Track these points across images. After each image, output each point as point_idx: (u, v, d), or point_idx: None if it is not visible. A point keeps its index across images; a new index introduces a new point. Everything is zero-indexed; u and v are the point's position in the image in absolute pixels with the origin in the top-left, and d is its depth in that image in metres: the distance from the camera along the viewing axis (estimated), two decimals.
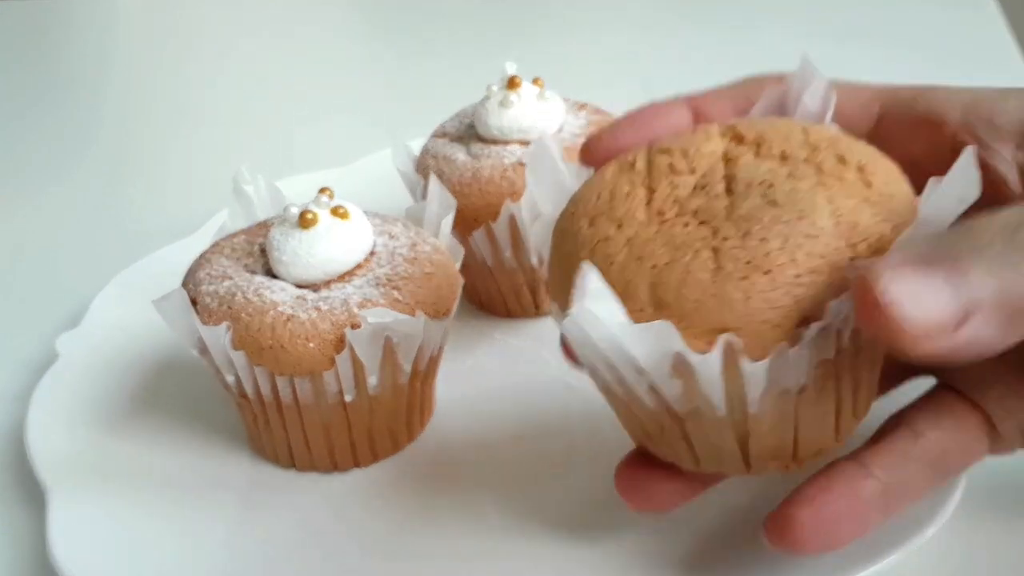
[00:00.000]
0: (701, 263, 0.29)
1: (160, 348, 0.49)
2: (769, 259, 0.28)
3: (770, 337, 0.28)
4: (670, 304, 0.29)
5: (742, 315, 0.28)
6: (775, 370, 0.28)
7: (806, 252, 0.28)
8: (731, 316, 0.28)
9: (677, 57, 0.83)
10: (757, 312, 0.28)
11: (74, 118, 0.80)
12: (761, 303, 0.28)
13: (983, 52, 0.77)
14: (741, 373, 0.28)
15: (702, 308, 0.28)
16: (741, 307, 0.28)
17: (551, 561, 0.38)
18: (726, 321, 0.28)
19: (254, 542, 0.40)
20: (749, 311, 0.28)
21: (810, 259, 0.28)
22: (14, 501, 0.43)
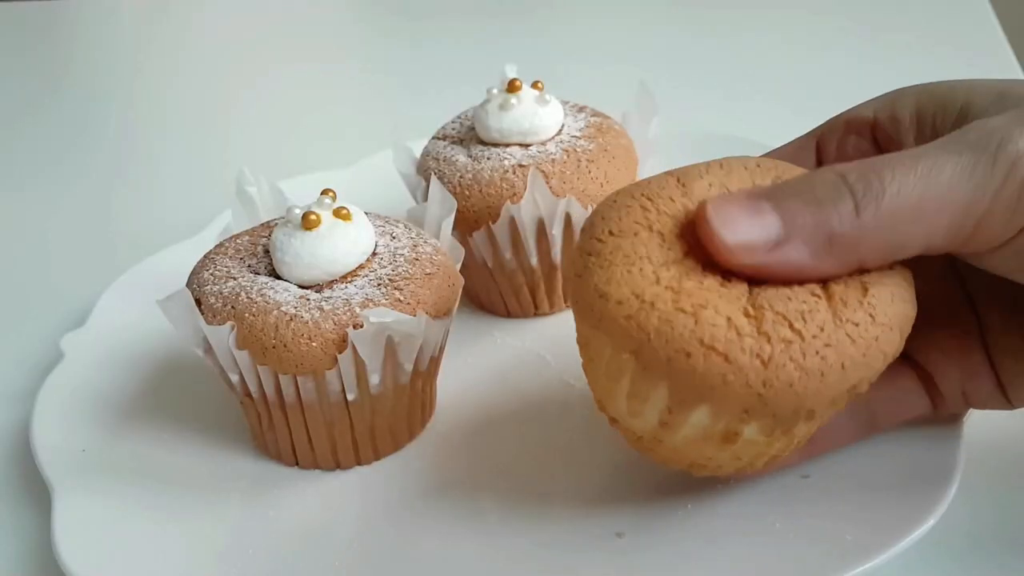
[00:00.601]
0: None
1: (164, 348, 0.49)
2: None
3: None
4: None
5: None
6: None
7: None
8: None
9: (677, 59, 0.83)
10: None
11: (79, 119, 0.81)
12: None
13: (976, 51, 0.78)
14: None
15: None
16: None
17: (551, 560, 0.38)
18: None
19: (258, 539, 0.40)
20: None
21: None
22: (20, 499, 0.44)
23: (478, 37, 0.91)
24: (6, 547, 0.41)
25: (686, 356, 0.30)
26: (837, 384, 0.30)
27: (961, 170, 0.30)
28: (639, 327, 0.31)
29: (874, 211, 0.30)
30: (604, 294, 0.32)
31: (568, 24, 0.93)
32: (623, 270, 0.32)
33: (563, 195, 0.47)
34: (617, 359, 0.32)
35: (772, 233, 0.30)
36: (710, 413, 0.31)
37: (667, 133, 0.53)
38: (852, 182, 0.30)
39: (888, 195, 0.30)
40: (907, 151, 0.31)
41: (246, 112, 0.82)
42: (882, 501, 0.37)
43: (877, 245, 0.30)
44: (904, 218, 0.30)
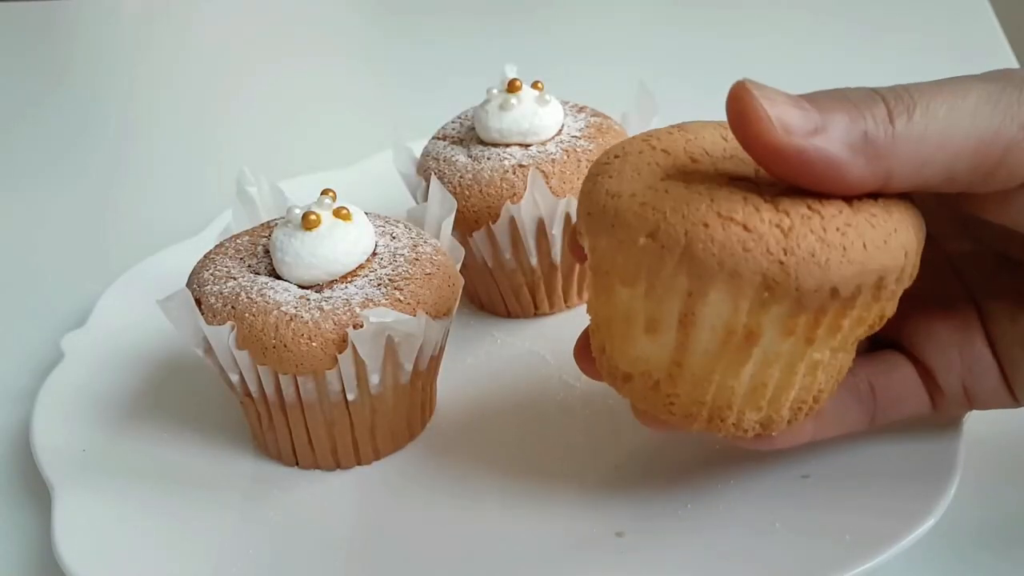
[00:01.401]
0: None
1: (165, 348, 0.49)
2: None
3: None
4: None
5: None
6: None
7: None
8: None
9: (676, 59, 0.83)
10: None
11: (79, 119, 0.81)
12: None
13: (976, 51, 0.78)
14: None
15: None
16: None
17: (551, 559, 0.38)
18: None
19: (258, 539, 0.40)
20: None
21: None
22: (20, 499, 0.44)
23: (478, 37, 0.91)
24: (6, 547, 0.41)
25: (704, 226, 0.30)
26: (860, 262, 0.30)
27: (988, 95, 0.30)
28: (654, 208, 0.31)
29: (906, 120, 0.30)
30: (616, 193, 0.32)
31: (568, 24, 0.93)
32: (632, 174, 0.32)
33: (563, 195, 0.47)
34: (632, 253, 0.31)
35: (811, 121, 0.29)
36: (729, 298, 0.30)
37: None
38: (884, 93, 0.30)
39: (919, 108, 0.30)
40: (934, 81, 0.31)
41: (246, 112, 0.82)
42: (882, 501, 0.37)
43: (907, 155, 0.30)
44: (933, 132, 0.30)
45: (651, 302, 0.32)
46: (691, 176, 0.32)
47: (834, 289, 0.30)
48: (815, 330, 0.31)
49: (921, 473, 0.38)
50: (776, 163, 0.30)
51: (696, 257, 0.30)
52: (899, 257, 0.31)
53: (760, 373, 0.33)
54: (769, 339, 0.31)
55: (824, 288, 0.30)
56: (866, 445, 0.39)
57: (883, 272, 0.30)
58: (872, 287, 0.31)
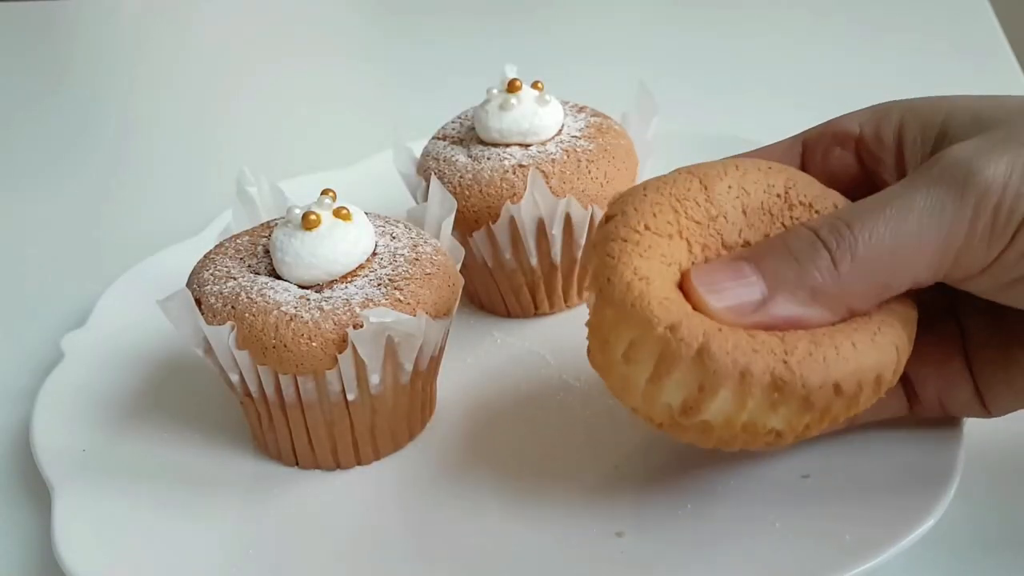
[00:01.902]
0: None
1: (165, 348, 0.49)
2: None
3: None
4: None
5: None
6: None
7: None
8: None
9: (677, 59, 0.83)
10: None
11: (79, 119, 0.81)
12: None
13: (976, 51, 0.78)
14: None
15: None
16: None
17: (551, 559, 0.38)
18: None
19: (258, 539, 0.40)
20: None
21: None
22: (20, 499, 0.44)
23: (478, 37, 0.91)
24: (6, 547, 0.41)
25: (718, 330, 0.31)
26: (855, 360, 0.31)
27: (931, 210, 0.31)
28: (679, 305, 0.32)
29: (850, 262, 0.31)
30: (645, 277, 0.33)
31: (568, 24, 0.93)
32: (661, 266, 0.33)
33: (563, 195, 0.47)
34: (648, 340, 0.32)
35: (756, 294, 0.32)
36: (737, 398, 0.32)
37: (667, 133, 0.53)
38: (824, 237, 0.32)
39: (861, 244, 0.31)
40: (875, 196, 0.32)
41: (246, 112, 0.82)
42: (882, 501, 0.37)
43: (862, 292, 0.32)
44: (883, 264, 0.31)
45: (654, 387, 0.33)
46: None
47: (837, 385, 0.31)
48: (820, 425, 0.33)
49: (921, 474, 0.38)
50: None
51: (713, 354, 0.31)
52: (890, 353, 0.32)
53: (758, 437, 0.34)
54: (772, 424, 0.33)
55: (828, 384, 0.31)
56: (866, 446, 0.39)
57: (879, 369, 0.32)
58: (873, 384, 0.32)
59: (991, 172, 0.31)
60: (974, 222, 0.31)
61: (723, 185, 0.35)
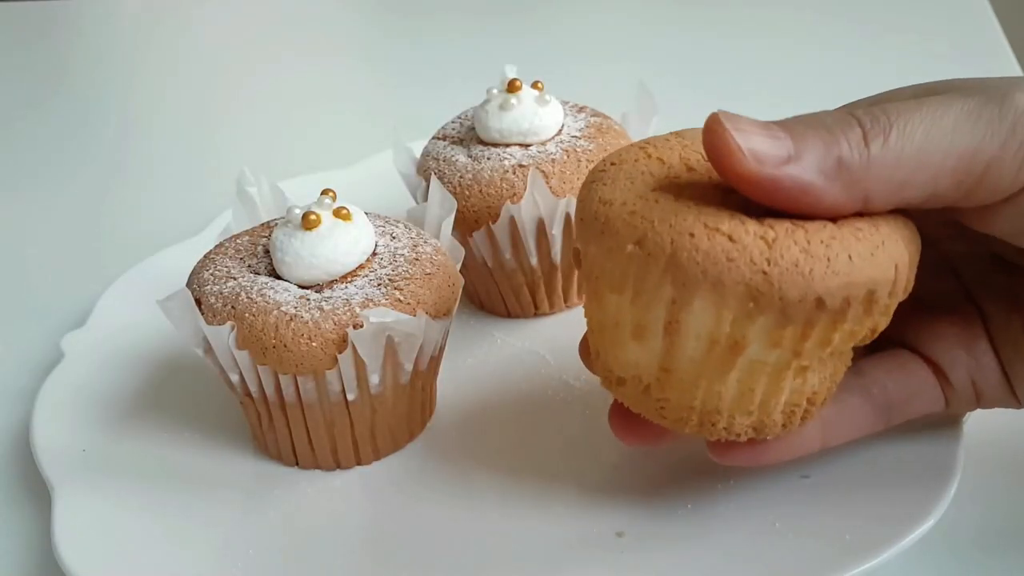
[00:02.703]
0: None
1: (165, 348, 0.49)
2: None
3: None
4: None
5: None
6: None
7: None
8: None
9: (676, 59, 0.83)
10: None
11: (79, 119, 0.81)
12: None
13: (976, 51, 0.78)
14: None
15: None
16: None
17: (551, 559, 0.38)
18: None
19: (258, 539, 0.40)
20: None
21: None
22: (20, 499, 0.44)
23: (478, 37, 0.91)
24: (6, 547, 0.41)
25: (690, 236, 0.30)
26: (846, 274, 0.30)
27: (968, 113, 0.30)
28: (643, 216, 0.31)
29: (881, 143, 0.30)
30: (608, 201, 0.32)
31: (568, 24, 0.93)
32: (625, 182, 0.33)
33: (563, 195, 0.47)
34: (620, 260, 0.31)
35: (784, 149, 0.30)
36: (713, 308, 0.31)
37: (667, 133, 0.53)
38: (860, 115, 0.31)
39: (895, 130, 0.30)
40: (914, 97, 0.31)
41: (246, 112, 0.82)
42: (882, 501, 0.37)
43: (884, 178, 0.30)
44: (910, 154, 0.30)
45: (637, 309, 0.32)
46: (684, 187, 0.32)
47: (819, 300, 0.30)
48: (803, 343, 0.31)
49: (921, 474, 0.38)
50: (752, 191, 0.30)
51: (681, 265, 0.30)
52: (888, 270, 0.31)
53: (747, 379, 0.33)
54: (755, 349, 0.31)
55: (808, 299, 0.30)
56: (866, 446, 0.39)
57: (872, 285, 0.31)
58: (863, 301, 0.31)
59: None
60: (1009, 137, 0.30)
61: (698, 132, 0.34)
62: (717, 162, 0.30)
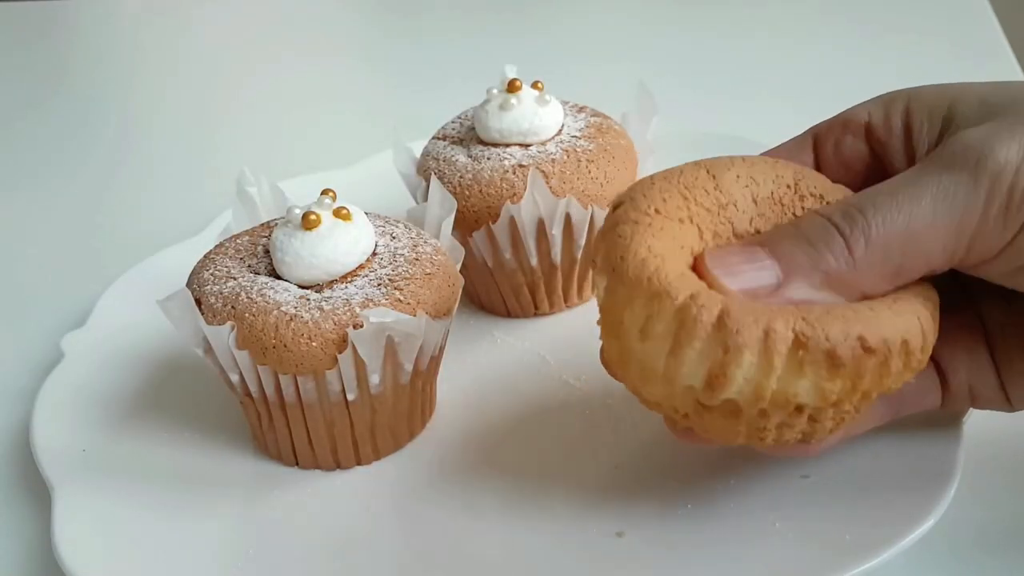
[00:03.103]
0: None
1: (165, 348, 0.49)
2: None
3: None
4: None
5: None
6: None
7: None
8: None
9: (677, 59, 0.83)
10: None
11: (79, 119, 0.81)
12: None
13: (976, 51, 0.78)
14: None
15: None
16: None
17: (551, 559, 0.38)
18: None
19: (258, 539, 0.40)
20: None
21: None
22: (20, 499, 0.44)
23: (478, 37, 0.91)
24: (6, 547, 0.41)
25: (736, 300, 0.31)
26: (875, 320, 0.31)
27: (944, 193, 0.31)
28: (695, 283, 0.31)
29: (864, 247, 0.31)
30: (660, 255, 0.32)
31: (568, 24, 0.93)
32: (673, 246, 0.33)
33: (563, 195, 0.47)
34: (664, 315, 0.31)
35: (772, 277, 0.31)
36: (764, 360, 0.30)
37: (667, 133, 0.53)
38: (838, 222, 0.31)
39: (874, 229, 0.31)
40: (887, 182, 0.32)
41: (246, 112, 0.82)
42: (882, 501, 0.37)
43: (876, 276, 0.31)
44: (896, 248, 0.31)
45: (675, 361, 0.32)
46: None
47: (862, 338, 0.30)
48: (852, 397, 0.32)
49: (921, 474, 0.38)
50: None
51: (734, 316, 0.30)
52: (912, 320, 0.32)
53: (795, 423, 0.33)
54: (807, 401, 0.32)
55: (852, 336, 0.30)
56: (866, 446, 0.39)
57: (905, 334, 0.31)
58: (901, 350, 0.31)
59: (1003, 155, 0.31)
60: (988, 205, 0.31)
61: (731, 174, 0.35)
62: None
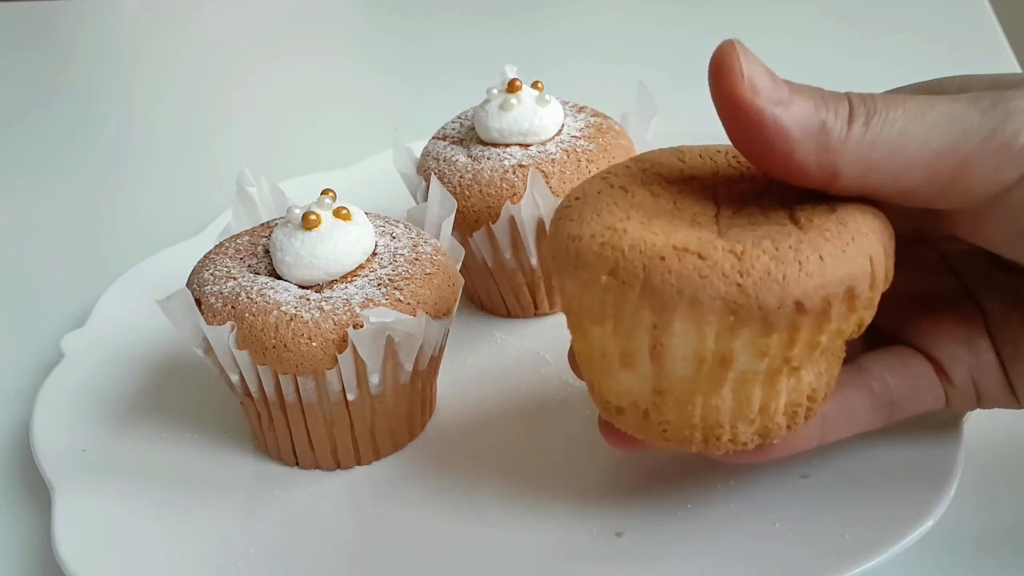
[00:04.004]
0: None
1: (165, 348, 0.49)
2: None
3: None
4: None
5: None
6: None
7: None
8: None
9: (677, 59, 0.83)
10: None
11: (79, 119, 0.81)
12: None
13: (976, 51, 0.78)
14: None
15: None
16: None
17: (551, 559, 0.38)
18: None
19: (258, 539, 0.40)
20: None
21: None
22: (20, 499, 0.44)
23: (478, 37, 0.91)
24: (6, 547, 0.41)
25: (660, 259, 0.31)
26: (819, 274, 0.30)
27: (950, 113, 0.31)
28: (613, 247, 0.31)
29: (862, 123, 0.31)
30: (576, 235, 0.32)
31: (568, 24, 0.93)
32: (592, 215, 0.33)
33: (563, 195, 0.47)
34: (596, 292, 0.32)
35: (780, 93, 0.31)
36: (694, 326, 0.31)
37: (666, 133, 0.53)
38: (851, 95, 0.31)
39: (878, 116, 0.31)
40: (904, 93, 0.32)
41: (246, 112, 0.82)
42: (882, 501, 0.37)
43: (856, 156, 0.31)
44: (884, 142, 0.30)
45: (620, 337, 0.32)
46: (649, 213, 0.33)
47: (798, 303, 0.30)
48: (791, 349, 0.31)
49: (921, 474, 0.38)
50: (734, 118, 0.31)
51: (655, 289, 0.30)
52: (863, 264, 0.31)
53: (741, 389, 0.33)
54: (744, 361, 0.31)
55: (787, 304, 0.30)
56: (866, 446, 0.39)
57: (850, 281, 0.31)
58: (843, 298, 0.31)
59: (1017, 104, 0.31)
60: (989, 137, 0.30)
61: (663, 156, 0.35)
62: (715, 82, 0.31)
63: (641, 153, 0.37)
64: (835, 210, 0.32)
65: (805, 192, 0.32)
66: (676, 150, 0.36)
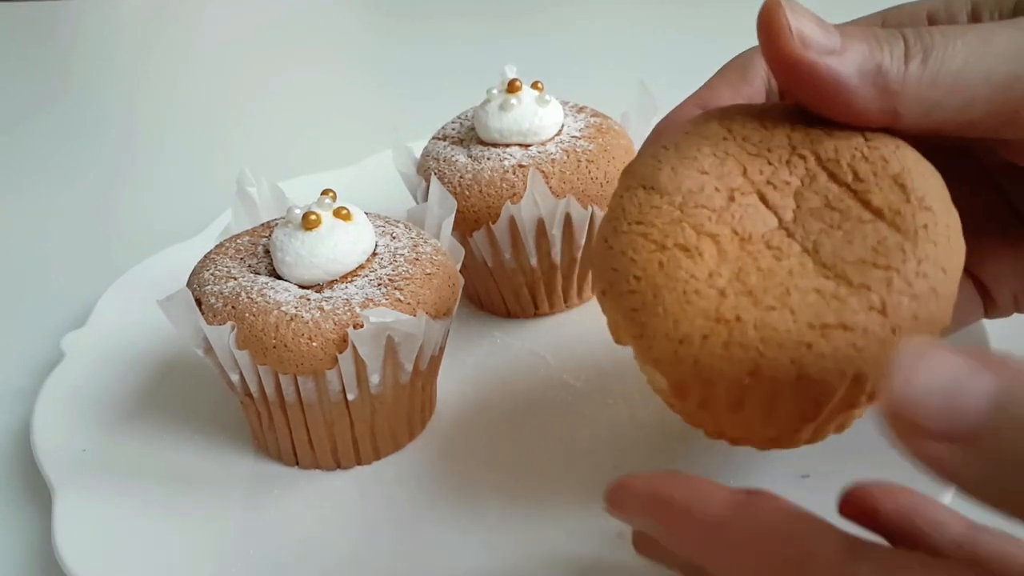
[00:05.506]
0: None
1: (165, 348, 0.49)
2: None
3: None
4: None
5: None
6: None
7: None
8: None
9: (677, 59, 0.83)
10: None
11: (79, 119, 0.81)
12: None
13: None
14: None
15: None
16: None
17: (551, 559, 0.38)
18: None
19: (258, 539, 0.40)
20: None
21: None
22: (21, 499, 0.44)
23: (478, 37, 0.91)
24: (6, 547, 0.41)
25: (807, 347, 0.27)
26: (952, 287, 0.29)
27: (1012, 44, 0.30)
28: (743, 346, 0.28)
29: (921, 61, 0.30)
30: (684, 338, 0.29)
31: (568, 24, 0.93)
32: (678, 305, 0.29)
33: (563, 195, 0.47)
34: (735, 391, 0.29)
35: (832, 41, 0.30)
36: (858, 390, 0.29)
37: None
38: (906, 33, 0.31)
39: (936, 51, 0.30)
40: (960, 25, 0.31)
41: (247, 113, 0.82)
42: None
43: (917, 96, 0.30)
44: (945, 78, 0.30)
45: (767, 422, 0.30)
46: (727, 267, 0.30)
47: (944, 328, 0.29)
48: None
49: (920, 474, 0.38)
50: (789, 75, 0.30)
51: (815, 380, 0.28)
52: (963, 245, 0.30)
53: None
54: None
55: (936, 330, 0.29)
56: (866, 445, 0.39)
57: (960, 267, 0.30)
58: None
59: None
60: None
61: (668, 173, 0.33)
62: (764, 40, 0.30)
63: (653, 180, 0.32)
64: (891, 173, 0.30)
65: (835, 147, 0.31)
66: (679, 163, 0.33)
